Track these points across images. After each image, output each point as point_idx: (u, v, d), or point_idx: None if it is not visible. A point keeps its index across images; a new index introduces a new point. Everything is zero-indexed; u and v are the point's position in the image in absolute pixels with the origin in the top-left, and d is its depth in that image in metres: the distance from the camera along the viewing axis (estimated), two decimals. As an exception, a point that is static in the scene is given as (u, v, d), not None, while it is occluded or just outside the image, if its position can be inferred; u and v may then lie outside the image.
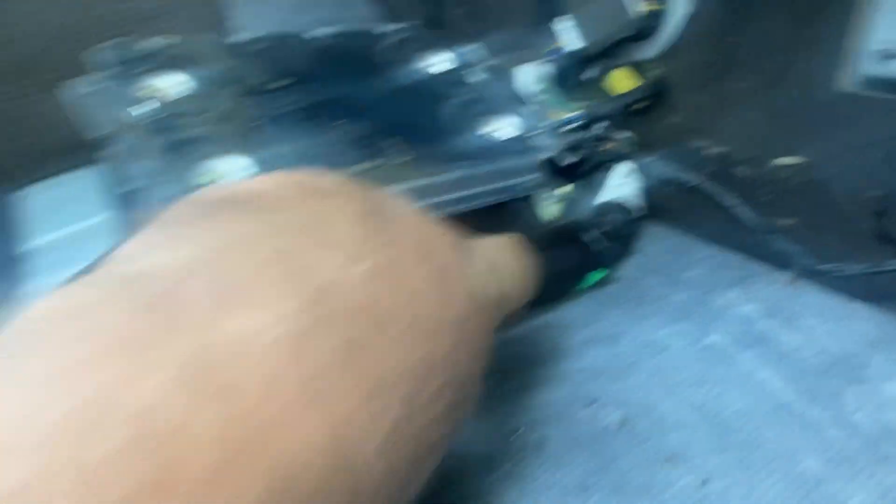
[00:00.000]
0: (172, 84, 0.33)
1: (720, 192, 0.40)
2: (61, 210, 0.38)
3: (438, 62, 0.42)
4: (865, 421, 0.30)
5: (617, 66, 0.46)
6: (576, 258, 0.39)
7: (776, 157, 0.41)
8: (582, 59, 0.46)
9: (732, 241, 0.42)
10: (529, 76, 0.45)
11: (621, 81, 0.46)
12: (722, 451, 0.30)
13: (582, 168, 0.40)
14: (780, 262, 0.39)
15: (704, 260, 0.42)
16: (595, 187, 0.41)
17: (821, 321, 0.35)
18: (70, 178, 0.40)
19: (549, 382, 0.34)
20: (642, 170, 0.42)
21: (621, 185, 0.40)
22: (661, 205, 0.44)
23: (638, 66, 0.46)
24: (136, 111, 0.32)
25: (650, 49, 0.46)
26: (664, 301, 0.39)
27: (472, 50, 0.43)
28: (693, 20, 0.44)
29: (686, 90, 0.45)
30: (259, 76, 0.37)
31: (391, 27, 0.45)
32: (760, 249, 0.40)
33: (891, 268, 0.34)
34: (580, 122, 0.43)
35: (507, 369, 0.35)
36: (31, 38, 0.45)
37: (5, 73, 0.45)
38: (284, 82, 0.37)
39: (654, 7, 0.44)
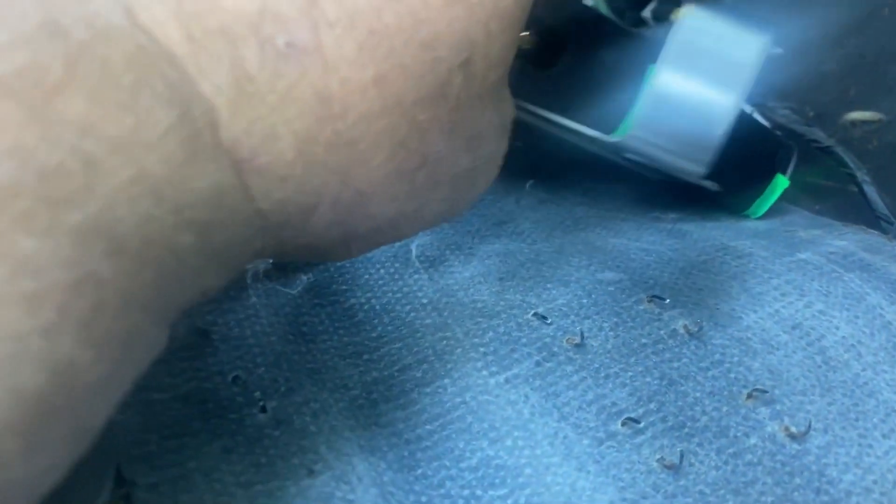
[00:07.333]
0: None
1: (855, 161, 0.32)
2: None
3: None
4: None
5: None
6: None
7: (850, 111, 0.34)
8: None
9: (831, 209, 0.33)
10: None
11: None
12: (825, 391, 0.21)
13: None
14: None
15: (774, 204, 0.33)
16: None
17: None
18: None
19: (595, 255, 0.24)
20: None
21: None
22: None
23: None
24: None
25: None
26: (733, 221, 0.30)
27: None
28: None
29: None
30: None
31: None
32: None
33: None
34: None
35: (533, 227, 0.25)
36: None
37: None
38: None
39: None
